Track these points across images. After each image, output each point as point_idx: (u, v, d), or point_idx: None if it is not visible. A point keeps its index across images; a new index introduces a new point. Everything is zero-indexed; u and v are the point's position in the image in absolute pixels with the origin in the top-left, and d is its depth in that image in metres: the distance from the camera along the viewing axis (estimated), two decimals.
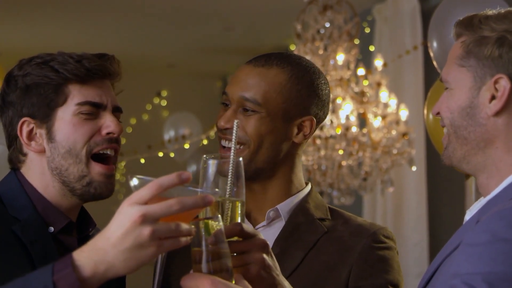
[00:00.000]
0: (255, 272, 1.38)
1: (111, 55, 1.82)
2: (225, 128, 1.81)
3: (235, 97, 1.82)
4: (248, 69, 1.84)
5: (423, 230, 5.61)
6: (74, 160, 1.74)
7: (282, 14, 6.58)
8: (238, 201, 1.45)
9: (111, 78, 1.82)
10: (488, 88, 1.51)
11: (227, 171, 1.43)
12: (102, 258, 1.25)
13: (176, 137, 6.89)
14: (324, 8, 4.79)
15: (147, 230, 1.23)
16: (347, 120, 4.58)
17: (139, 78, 8.97)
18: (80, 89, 1.75)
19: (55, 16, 6.89)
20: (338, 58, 4.68)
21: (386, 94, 4.73)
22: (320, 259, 1.77)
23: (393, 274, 1.77)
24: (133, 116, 8.71)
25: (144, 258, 1.24)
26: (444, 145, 1.59)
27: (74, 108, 1.74)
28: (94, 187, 1.74)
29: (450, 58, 1.59)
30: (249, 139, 1.81)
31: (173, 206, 1.24)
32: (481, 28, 1.54)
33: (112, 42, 7.84)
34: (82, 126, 1.74)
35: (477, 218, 1.48)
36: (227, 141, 1.82)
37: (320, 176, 4.73)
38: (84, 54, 1.79)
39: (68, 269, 1.25)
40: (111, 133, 1.76)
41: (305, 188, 1.90)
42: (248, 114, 1.81)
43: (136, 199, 1.25)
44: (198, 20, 6.99)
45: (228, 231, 1.37)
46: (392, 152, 4.71)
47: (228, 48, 7.95)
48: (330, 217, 1.86)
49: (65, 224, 1.74)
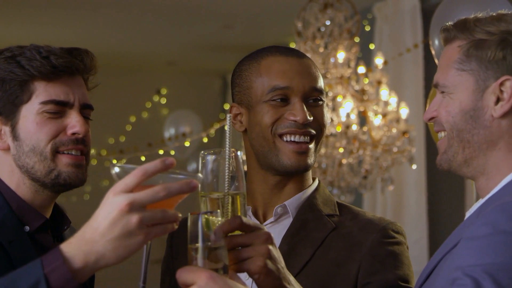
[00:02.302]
0: (261, 264, 1.37)
1: (84, 49, 1.77)
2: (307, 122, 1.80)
3: (306, 89, 1.80)
4: (299, 60, 1.84)
5: (423, 228, 5.61)
6: (39, 158, 1.70)
7: (282, 11, 6.58)
8: (239, 195, 1.44)
9: (82, 74, 1.77)
10: (493, 91, 1.52)
11: (236, 165, 1.43)
12: (91, 248, 1.25)
13: (177, 135, 6.89)
14: (325, 6, 4.79)
15: (135, 218, 1.23)
16: (347, 118, 4.57)
17: (138, 76, 8.98)
18: (46, 86, 1.71)
19: (53, 14, 6.88)
20: (339, 56, 4.68)
21: (386, 92, 4.73)
22: (328, 256, 1.76)
23: (403, 269, 1.74)
24: (132, 114, 8.71)
25: (133, 246, 1.25)
26: (442, 149, 1.59)
27: (38, 106, 1.70)
28: (63, 178, 1.71)
29: (445, 62, 1.58)
30: (320, 129, 1.84)
31: (160, 193, 1.25)
32: (477, 31, 1.54)
33: (111, 39, 7.84)
34: (46, 125, 1.70)
35: (476, 215, 1.48)
36: (307, 136, 1.80)
37: (321, 174, 4.73)
38: (53, 49, 1.73)
39: (59, 261, 1.24)
40: (76, 133, 1.72)
41: (313, 184, 1.89)
42: (316, 104, 1.83)
43: (121, 188, 1.25)
44: (198, 18, 6.98)
45: (228, 224, 1.36)
46: (392, 150, 4.71)
47: (228, 46, 7.94)
48: (338, 213, 1.84)
49: (41, 223, 1.72)
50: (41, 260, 1.26)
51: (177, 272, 1.26)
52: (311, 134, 1.80)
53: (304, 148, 1.79)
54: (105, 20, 7.17)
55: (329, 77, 4.69)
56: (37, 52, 1.71)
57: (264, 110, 1.80)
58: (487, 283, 1.27)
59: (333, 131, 4.57)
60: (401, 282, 1.72)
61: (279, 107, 1.79)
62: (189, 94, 9.14)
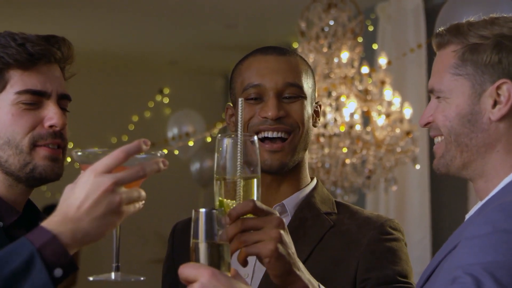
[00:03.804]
0: (272, 248, 1.37)
1: (61, 37, 1.71)
2: (278, 118, 1.80)
3: (279, 85, 1.81)
4: (277, 58, 1.85)
5: (426, 228, 5.61)
6: (14, 152, 1.63)
7: (285, 11, 6.58)
8: (253, 178, 1.45)
9: (59, 63, 1.70)
10: (490, 94, 1.53)
11: (251, 150, 1.44)
12: (77, 226, 1.28)
13: (180, 135, 6.89)
14: (328, 6, 4.79)
15: (118, 197, 1.28)
16: (351, 118, 4.57)
17: (141, 75, 8.98)
18: (21, 75, 1.63)
19: (55, 14, 6.88)
20: (342, 56, 4.68)
21: (390, 92, 4.73)
22: (327, 254, 1.77)
23: (401, 265, 1.76)
24: (135, 113, 8.71)
25: (113, 223, 1.30)
26: (440, 153, 1.59)
27: (13, 97, 1.62)
28: (39, 172, 1.64)
29: (440, 67, 1.59)
30: (297, 125, 1.82)
31: (139, 172, 1.30)
32: (471, 36, 1.55)
33: (113, 39, 7.84)
34: (22, 117, 1.62)
35: (476, 216, 1.49)
36: (280, 132, 1.80)
37: (324, 174, 4.73)
38: (29, 36, 1.65)
39: (49, 236, 1.26)
40: (54, 126, 1.64)
41: (311, 183, 1.90)
42: (292, 100, 1.82)
43: (103, 168, 1.29)
44: (200, 17, 6.99)
45: (242, 207, 1.38)
46: (396, 150, 4.71)
47: (230, 45, 7.94)
48: (336, 211, 1.85)
49: (15, 219, 1.66)
50: (26, 238, 1.27)
51: (180, 268, 1.26)
52: (286, 130, 1.80)
53: (276, 147, 1.79)
54: (107, 20, 7.17)
55: (333, 77, 4.70)
56: (12, 39, 1.63)
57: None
58: (487, 281, 1.28)
59: (337, 131, 4.57)
60: (399, 278, 1.74)
61: (253, 105, 1.81)
62: (191, 93, 9.14)
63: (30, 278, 1.24)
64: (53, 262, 1.26)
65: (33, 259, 1.24)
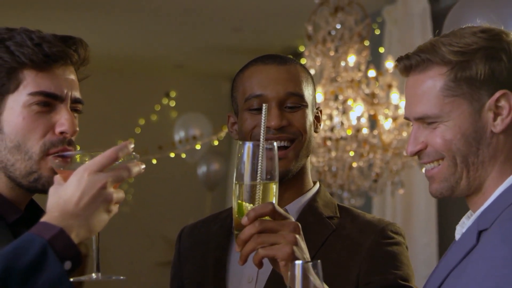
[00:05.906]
0: (289, 251, 1.42)
1: (78, 39, 1.63)
2: (281, 127, 1.82)
3: (281, 95, 1.83)
4: (278, 67, 1.86)
5: (432, 231, 5.60)
6: (22, 157, 1.57)
7: (291, 15, 6.58)
8: (272, 183, 1.50)
9: (75, 65, 1.64)
10: (490, 108, 1.51)
11: (270, 156, 1.51)
12: (77, 221, 1.33)
13: (187, 138, 6.90)
14: (335, 10, 4.79)
15: (111, 195, 1.35)
16: (358, 122, 4.58)
17: (147, 78, 9.00)
18: (36, 76, 1.56)
19: (63, 16, 6.90)
20: (349, 59, 4.68)
21: (397, 96, 4.72)
22: (329, 258, 1.77)
23: (402, 269, 1.78)
24: (142, 116, 8.73)
25: (105, 220, 1.37)
26: (441, 177, 1.56)
27: (26, 98, 1.56)
28: (42, 183, 1.59)
29: (426, 92, 1.54)
30: (300, 134, 1.85)
31: (124, 173, 1.38)
32: (452, 53, 1.52)
33: (120, 42, 7.86)
34: (34, 122, 1.57)
35: (477, 227, 1.49)
36: (283, 141, 1.83)
37: (331, 177, 4.73)
38: (46, 36, 1.58)
39: (57, 230, 1.30)
40: (65, 132, 1.59)
41: (314, 187, 1.92)
42: (294, 109, 1.84)
43: (97, 168, 1.35)
44: (206, 21, 7.00)
45: (261, 208, 1.44)
46: (403, 153, 4.71)
47: (237, 49, 7.95)
48: (338, 215, 1.87)
49: (17, 217, 1.62)
50: (32, 233, 1.30)
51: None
52: (289, 138, 1.82)
53: (279, 155, 1.77)
54: (113, 23, 7.20)
55: (340, 81, 4.70)
56: (29, 37, 1.56)
57: (244, 118, 1.85)
58: None
59: (344, 135, 4.57)
60: (401, 281, 1.75)
61: (256, 115, 1.83)
62: (198, 96, 9.15)
63: (45, 270, 1.26)
64: (64, 255, 1.29)
65: (45, 252, 1.27)
